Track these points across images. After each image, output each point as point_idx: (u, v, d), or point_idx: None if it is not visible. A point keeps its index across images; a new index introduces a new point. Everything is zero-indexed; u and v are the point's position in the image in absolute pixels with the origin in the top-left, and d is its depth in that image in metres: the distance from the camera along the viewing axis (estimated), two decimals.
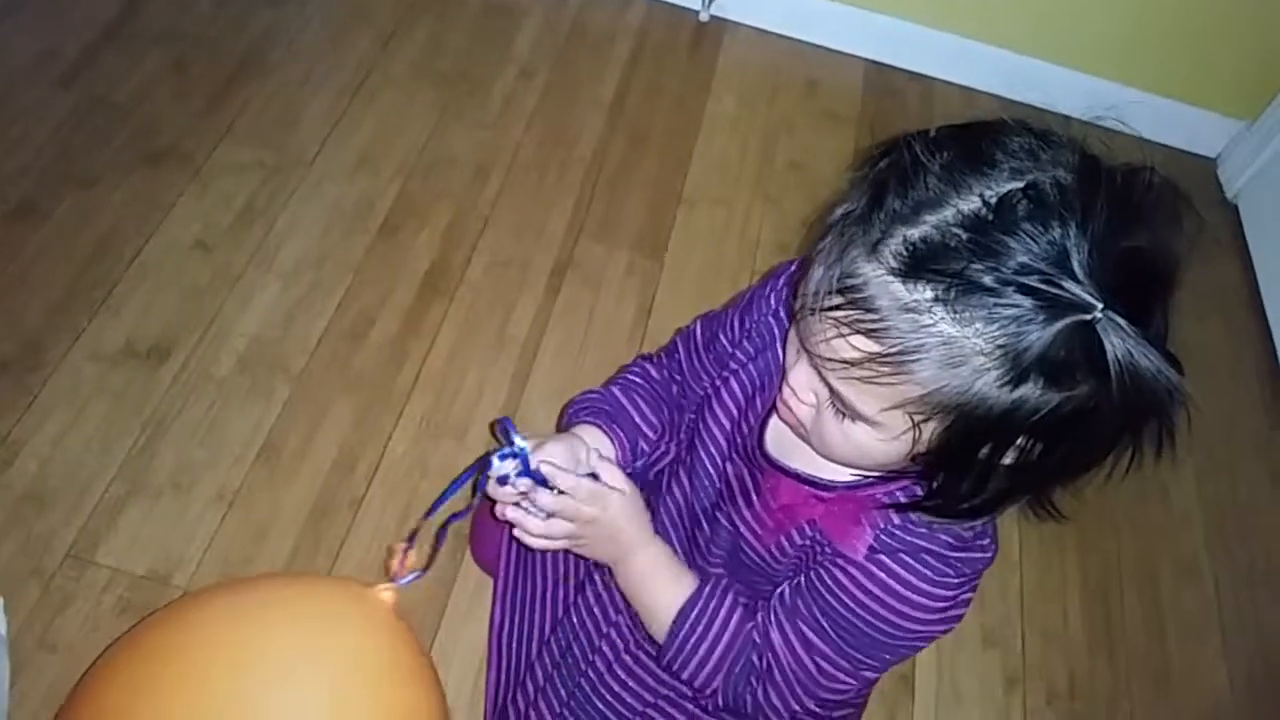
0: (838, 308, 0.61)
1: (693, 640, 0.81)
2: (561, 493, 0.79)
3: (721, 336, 0.90)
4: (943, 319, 0.58)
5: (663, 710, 0.93)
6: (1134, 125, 2.22)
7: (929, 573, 0.73)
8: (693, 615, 0.81)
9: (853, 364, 0.62)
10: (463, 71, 1.86)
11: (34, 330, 1.37)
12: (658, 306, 1.61)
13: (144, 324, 1.41)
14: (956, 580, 0.74)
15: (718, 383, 0.87)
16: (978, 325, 0.57)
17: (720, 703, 0.84)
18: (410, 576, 0.81)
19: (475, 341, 1.51)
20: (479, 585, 1.26)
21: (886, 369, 0.60)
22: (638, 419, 0.91)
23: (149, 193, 1.55)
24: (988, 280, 0.56)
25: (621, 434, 0.89)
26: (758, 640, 0.80)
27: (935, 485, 0.68)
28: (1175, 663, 1.42)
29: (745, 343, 0.86)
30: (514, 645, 1.02)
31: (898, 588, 0.74)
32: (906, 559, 0.73)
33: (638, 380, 0.94)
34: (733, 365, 0.86)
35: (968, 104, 2.07)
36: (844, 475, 0.76)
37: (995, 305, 0.56)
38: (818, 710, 0.85)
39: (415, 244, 1.59)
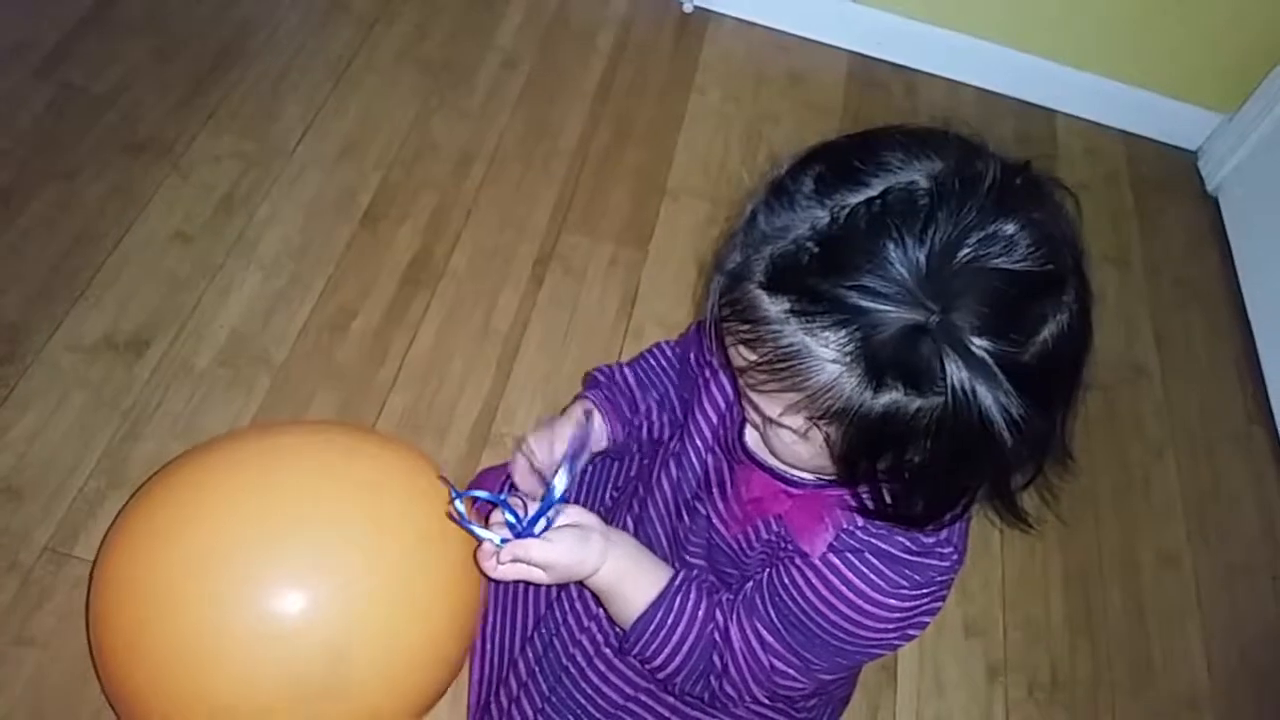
0: (725, 319, 0.65)
1: (654, 644, 0.81)
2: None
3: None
4: (799, 329, 0.60)
5: (642, 703, 0.93)
6: (1115, 118, 2.24)
7: (879, 580, 0.73)
8: (655, 620, 0.80)
9: (742, 371, 0.66)
10: (446, 60, 1.85)
11: (11, 322, 1.36)
12: (641, 298, 1.60)
13: (123, 315, 1.40)
14: (911, 590, 0.74)
15: (707, 374, 0.88)
16: (828, 334, 0.59)
17: (675, 691, 0.86)
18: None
19: (458, 333, 1.50)
20: None
21: (764, 376, 0.63)
22: (638, 396, 0.97)
23: (128, 183, 1.53)
24: (831, 290, 0.58)
25: (622, 407, 0.96)
26: (718, 641, 0.81)
27: (862, 493, 0.69)
28: (1156, 653, 1.43)
29: None
30: (497, 642, 1.02)
31: (845, 590, 0.74)
32: (856, 560, 0.74)
33: (650, 360, 1.00)
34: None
35: (951, 96, 2.08)
36: (810, 475, 0.77)
37: (839, 314, 0.58)
38: (779, 702, 0.86)
39: (397, 235, 1.58)
